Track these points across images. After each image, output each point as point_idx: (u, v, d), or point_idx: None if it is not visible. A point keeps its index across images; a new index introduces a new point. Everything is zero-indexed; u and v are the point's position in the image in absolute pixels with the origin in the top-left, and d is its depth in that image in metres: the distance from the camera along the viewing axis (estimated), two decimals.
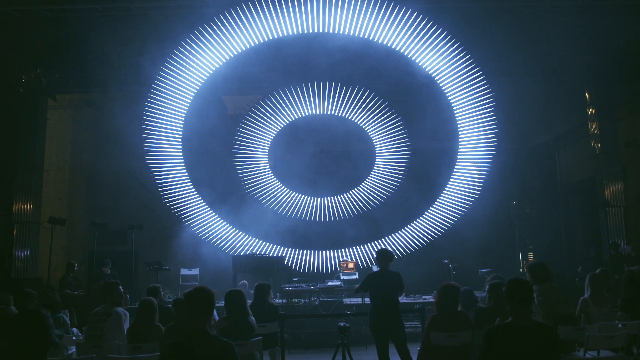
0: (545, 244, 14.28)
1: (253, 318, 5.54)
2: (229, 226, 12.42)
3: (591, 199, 13.89)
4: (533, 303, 3.35)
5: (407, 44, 11.67)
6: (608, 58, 12.82)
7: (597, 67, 12.99)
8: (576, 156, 15.33)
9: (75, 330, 6.47)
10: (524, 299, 3.27)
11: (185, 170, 12.34)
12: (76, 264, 10.81)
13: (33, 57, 12.88)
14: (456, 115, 12.16)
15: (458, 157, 12.35)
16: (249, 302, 6.14)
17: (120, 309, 5.53)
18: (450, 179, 12.39)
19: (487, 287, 5.22)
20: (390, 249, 11.67)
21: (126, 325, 5.39)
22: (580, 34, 12.07)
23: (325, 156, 13.19)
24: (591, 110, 13.23)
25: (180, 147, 12.23)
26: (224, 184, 12.32)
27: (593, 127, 13.11)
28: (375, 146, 12.91)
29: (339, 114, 12.75)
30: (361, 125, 12.82)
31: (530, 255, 15.12)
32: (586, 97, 13.40)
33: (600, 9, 11.16)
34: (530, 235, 14.95)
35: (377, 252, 6.63)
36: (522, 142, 15.39)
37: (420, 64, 11.94)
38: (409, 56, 11.85)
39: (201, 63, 11.80)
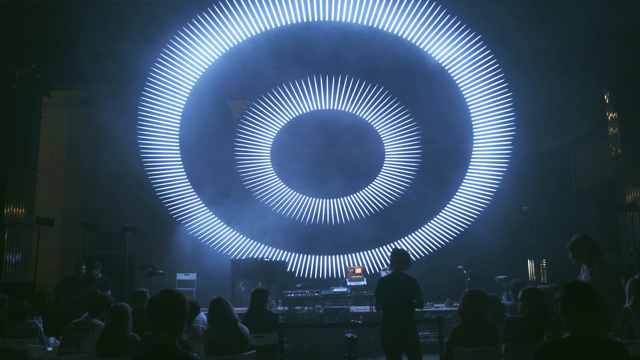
0: (560, 250, 13.59)
1: (245, 327, 4.91)
2: (228, 228, 11.88)
3: (608, 203, 13.23)
4: (596, 312, 2.64)
5: (415, 31, 11.06)
6: (628, 54, 12.13)
7: (615, 64, 12.31)
8: (593, 159, 14.67)
9: (52, 339, 5.84)
10: (586, 308, 2.60)
11: (183, 170, 11.84)
12: (84, 266, 10.22)
13: (26, 52, 12.35)
14: (470, 109, 11.56)
15: (472, 156, 11.74)
16: (245, 309, 5.52)
17: None
18: (464, 180, 11.79)
19: (520, 293, 4.51)
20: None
21: None
22: (596, 28, 11.47)
23: (330, 154, 12.60)
24: (610, 110, 12.55)
25: (178, 145, 11.73)
26: (223, 184, 11.76)
27: (612, 128, 12.43)
28: (384, 144, 12.30)
29: (345, 109, 12.14)
30: (370, 122, 12.21)
31: (543, 262, 14.50)
32: (604, 96, 12.71)
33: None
34: (544, 240, 14.33)
35: (391, 253, 5.94)
36: (536, 144, 14.72)
37: (430, 53, 11.33)
38: (419, 45, 11.24)
39: (198, 54, 11.28)
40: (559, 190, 14.99)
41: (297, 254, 11.84)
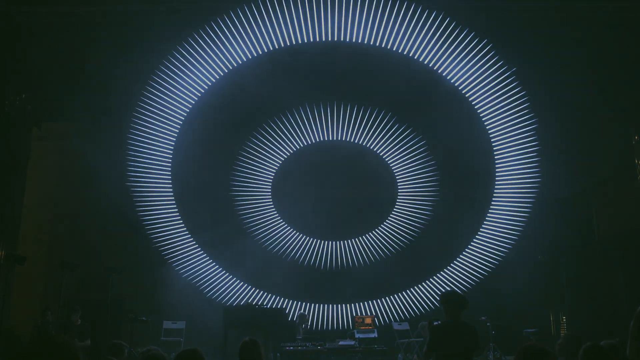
0: (586, 302, 12.65)
1: None
2: (224, 272, 11.39)
3: (636, 252, 12.38)
4: None
5: (434, 55, 10.72)
6: None
7: None
8: (619, 204, 13.86)
9: None
10: None
11: (176, 208, 11.43)
12: (49, 312, 9.60)
13: (17, 81, 11.87)
14: (494, 149, 11.05)
15: (494, 197, 11.24)
16: None
17: None
18: (484, 222, 11.30)
19: (582, 353, 3.55)
20: (408, 303, 10.74)
21: None
22: (628, 65, 10.96)
23: (336, 192, 11.87)
24: (638, 152, 11.86)
25: (170, 180, 11.36)
26: (220, 224, 11.25)
27: None
28: (397, 181, 11.66)
29: (354, 140, 11.63)
30: (382, 155, 11.64)
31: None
32: (631, 137, 12.06)
33: None
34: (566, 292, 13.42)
35: (442, 296, 5.03)
36: (554, 186, 13.95)
37: (448, 78, 10.88)
38: (438, 70, 10.74)
39: (193, 76, 11.04)
40: (580, 237, 14.14)
41: (299, 302, 11.27)
